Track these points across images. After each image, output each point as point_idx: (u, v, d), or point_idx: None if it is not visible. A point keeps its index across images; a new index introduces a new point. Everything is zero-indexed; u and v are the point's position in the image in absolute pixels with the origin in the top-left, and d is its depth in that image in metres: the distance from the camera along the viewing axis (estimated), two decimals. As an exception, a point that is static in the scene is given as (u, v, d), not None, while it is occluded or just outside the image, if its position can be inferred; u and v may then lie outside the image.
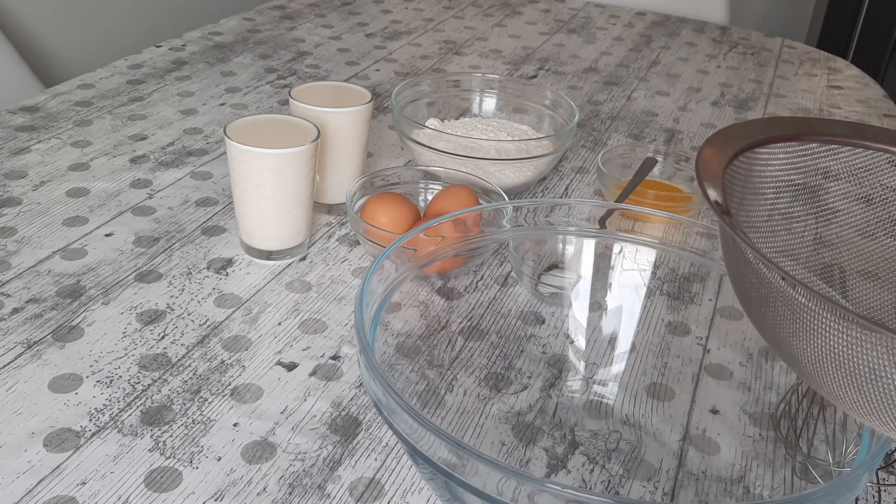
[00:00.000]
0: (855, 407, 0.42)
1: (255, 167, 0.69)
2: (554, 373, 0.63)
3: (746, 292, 0.47)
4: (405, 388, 0.57)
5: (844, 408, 0.43)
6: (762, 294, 0.44)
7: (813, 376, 0.43)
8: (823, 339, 0.41)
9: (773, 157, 0.54)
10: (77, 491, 0.51)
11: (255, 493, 0.52)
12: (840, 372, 0.41)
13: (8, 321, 0.65)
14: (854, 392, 0.41)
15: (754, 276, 0.44)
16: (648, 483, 0.55)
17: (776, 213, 0.56)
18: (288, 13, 1.41)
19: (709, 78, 1.27)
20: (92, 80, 1.08)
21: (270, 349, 0.64)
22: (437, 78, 1.01)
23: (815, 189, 0.56)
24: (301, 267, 0.74)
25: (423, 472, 0.49)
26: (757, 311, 0.46)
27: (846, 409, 0.43)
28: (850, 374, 0.40)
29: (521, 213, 0.64)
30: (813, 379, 0.44)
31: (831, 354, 0.41)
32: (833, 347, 0.40)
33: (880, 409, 0.41)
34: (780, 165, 0.54)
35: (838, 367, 0.41)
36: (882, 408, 0.40)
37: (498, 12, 1.51)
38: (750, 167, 0.53)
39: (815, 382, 0.44)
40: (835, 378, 0.42)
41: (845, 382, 0.41)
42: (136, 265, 0.72)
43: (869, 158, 0.55)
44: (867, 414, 0.42)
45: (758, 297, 0.45)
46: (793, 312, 0.42)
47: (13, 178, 0.84)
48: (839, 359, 0.40)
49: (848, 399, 0.42)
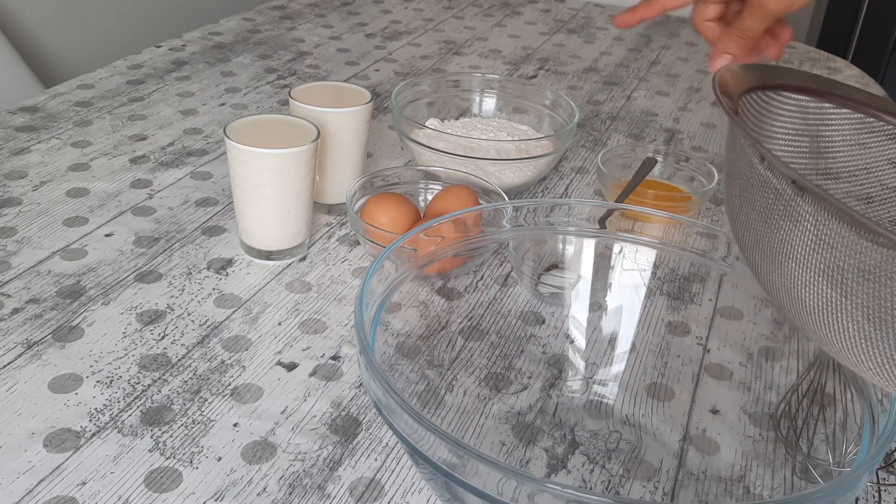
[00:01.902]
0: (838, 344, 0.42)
1: (255, 167, 0.69)
2: (554, 373, 0.63)
3: (745, 202, 0.46)
4: (405, 388, 0.57)
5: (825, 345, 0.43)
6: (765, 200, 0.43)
7: (799, 301, 0.43)
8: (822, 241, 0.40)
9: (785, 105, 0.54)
10: (77, 491, 0.51)
11: (255, 494, 0.52)
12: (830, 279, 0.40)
13: (8, 321, 0.65)
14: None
15: (759, 182, 0.43)
16: (648, 483, 0.55)
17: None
18: (288, 13, 1.41)
19: (709, 78, 1.27)
20: (92, 80, 1.08)
21: (270, 349, 0.64)
22: (437, 78, 1.01)
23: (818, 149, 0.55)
24: (301, 267, 0.74)
25: (423, 472, 0.49)
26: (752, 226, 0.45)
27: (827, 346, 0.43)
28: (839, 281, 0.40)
29: (521, 213, 0.64)
30: (798, 307, 0.43)
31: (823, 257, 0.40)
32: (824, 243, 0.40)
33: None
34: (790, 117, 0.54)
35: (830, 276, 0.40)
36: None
37: (498, 12, 1.51)
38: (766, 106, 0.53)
39: (798, 309, 0.43)
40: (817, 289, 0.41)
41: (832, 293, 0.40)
42: (136, 265, 0.72)
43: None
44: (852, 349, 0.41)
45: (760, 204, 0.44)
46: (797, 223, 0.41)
47: (13, 178, 0.84)
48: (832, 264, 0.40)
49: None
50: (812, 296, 0.42)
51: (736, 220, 0.48)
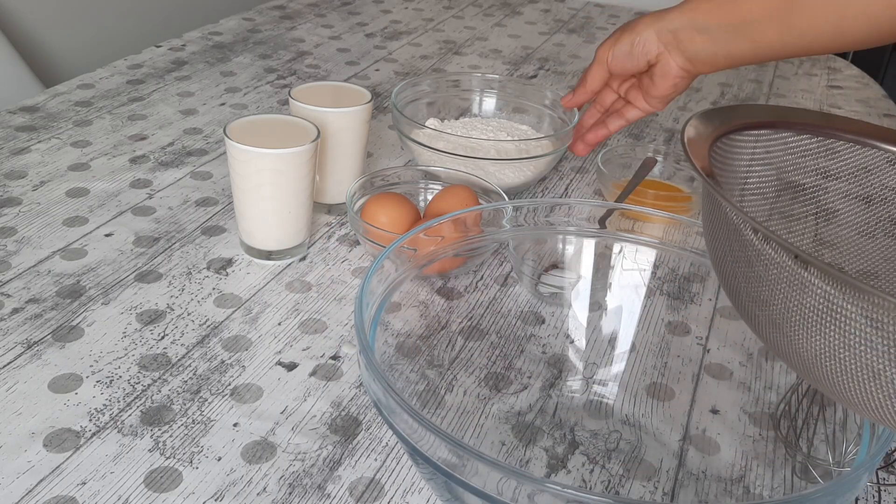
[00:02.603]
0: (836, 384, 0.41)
1: (255, 167, 0.69)
2: (554, 373, 0.63)
3: (723, 255, 0.46)
4: (405, 388, 0.57)
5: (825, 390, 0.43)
6: (742, 256, 0.43)
7: (790, 345, 0.43)
8: (804, 300, 0.40)
9: (748, 145, 0.54)
10: (77, 491, 0.51)
11: (255, 493, 0.52)
12: (816, 334, 0.40)
13: (8, 321, 0.65)
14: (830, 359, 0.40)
15: (735, 239, 0.43)
16: (648, 483, 0.55)
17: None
18: (288, 13, 1.41)
19: (708, 78, 1.27)
20: (92, 80, 1.08)
21: (270, 349, 0.64)
22: (437, 78, 1.01)
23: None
24: (301, 267, 0.74)
25: (423, 472, 0.49)
26: (738, 280, 0.45)
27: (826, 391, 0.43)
28: (824, 336, 0.40)
29: (521, 213, 0.64)
30: (774, 344, 0.43)
31: (809, 317, 0.40)
32: (810, 308, 0.40)
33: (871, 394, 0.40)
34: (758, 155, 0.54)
35: (817, 330, 0.40)
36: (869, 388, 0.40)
37: (498, 12, 1.51)
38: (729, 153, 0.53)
39: (775, 347, 0.43)
40: (809, 343, 0.41)
41: (820, 346, 0.40)
42: (136, 265, 0.72)
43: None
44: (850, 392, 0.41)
45: (737, 259, 0.44)
46: (774, 272, 0.41)
47: (13, 178, 0.84)
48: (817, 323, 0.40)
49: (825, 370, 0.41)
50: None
51: (722, 273, 0.48)
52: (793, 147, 0.55)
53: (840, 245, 0.55)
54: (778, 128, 0.55)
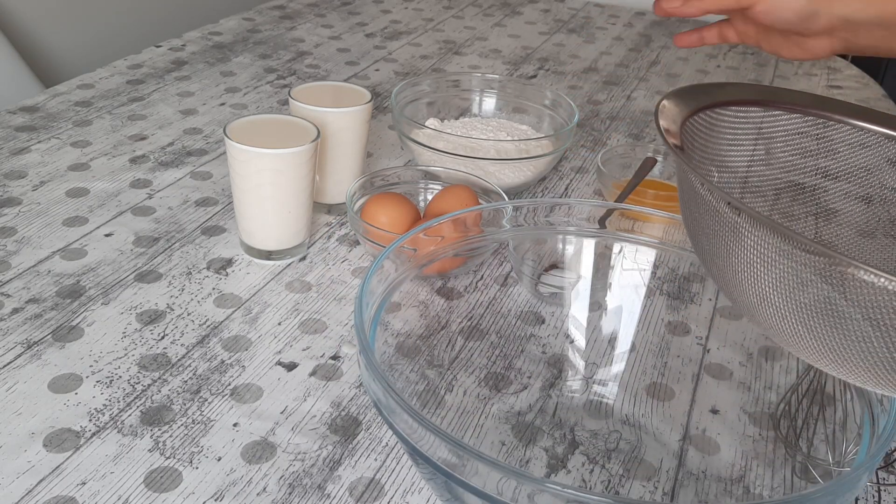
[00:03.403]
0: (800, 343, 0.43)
1: (254, 167, 0.69)
2: (554, 373, 0.63)
3: (699, 230, 0.48)
4: (405, 388, 0.57)
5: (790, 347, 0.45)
6: (712, 227, 0.46)
7: (759, 310, 0.45)
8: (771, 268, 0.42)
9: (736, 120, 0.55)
10: (77, 491, 0.51)
11: (255, 493, 0.52)
12: (785, 302, 0.42)
13: (8, 321, 0.65)
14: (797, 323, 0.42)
15: (707, 213, 0.46)
16: (648, 483, 0.55)
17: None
18: (288, 13, 1.41)
19: (709, 78, 1.27)
20: (92, 80, 1.08)
21: (270, 349, 0.64)
22: (437, 78, 1.01)
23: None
24: (301, 267, 0.74)
25: (423, 472, 0.49)
26: (709, 249, 0.48)
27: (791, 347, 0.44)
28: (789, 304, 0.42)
29: (520, 213, 0.64)
30: (755, 313, 0.45)
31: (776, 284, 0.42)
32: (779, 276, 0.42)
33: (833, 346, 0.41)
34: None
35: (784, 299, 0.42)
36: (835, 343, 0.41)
37: (498, 12, 1.51)
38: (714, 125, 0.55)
39: (755, 316, 0.45)
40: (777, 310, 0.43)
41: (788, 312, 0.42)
42: (136, 265, 0.72)
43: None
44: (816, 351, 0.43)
45: (709, 230, 0.46)
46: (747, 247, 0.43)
47: (13, 178, 0.84)
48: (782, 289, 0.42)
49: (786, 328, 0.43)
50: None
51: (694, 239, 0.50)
52: (769, 122, 0.57)
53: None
54: (750, 105, 0.56)
